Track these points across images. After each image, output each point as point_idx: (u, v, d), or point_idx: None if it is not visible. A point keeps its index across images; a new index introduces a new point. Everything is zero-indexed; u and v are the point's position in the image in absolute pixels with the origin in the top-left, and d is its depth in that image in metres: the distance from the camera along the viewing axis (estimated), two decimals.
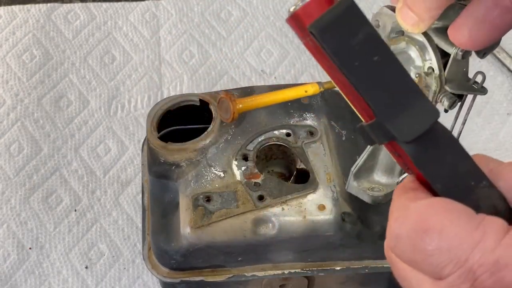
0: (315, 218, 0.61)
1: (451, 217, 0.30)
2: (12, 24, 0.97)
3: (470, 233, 0.29)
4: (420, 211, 0.31)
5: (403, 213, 0.32)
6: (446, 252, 0.30)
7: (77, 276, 0.79)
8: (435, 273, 0.31)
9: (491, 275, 0.29)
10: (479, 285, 0.29)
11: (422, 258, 0.31)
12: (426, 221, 0.30)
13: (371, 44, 0.31)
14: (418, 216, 0.31)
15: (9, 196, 0.83)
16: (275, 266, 0.65)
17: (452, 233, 0.30)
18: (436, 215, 0.30)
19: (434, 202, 0.31)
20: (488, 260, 0.29)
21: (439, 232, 0.30)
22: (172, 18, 0.99)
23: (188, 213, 0.62)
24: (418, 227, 0.31)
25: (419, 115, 0.31)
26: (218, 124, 0.66)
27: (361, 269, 0.66)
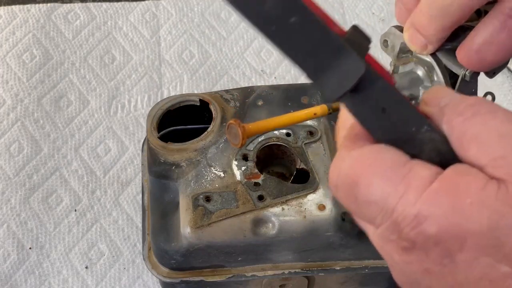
0: (315, 218, 0.61)
1: (378, 169, 0.31)
2: (12, 24, 0.97)
3: (395, 186, 0.30)
4: (351, 163, 0.32)
5: (339, 163, 0.33)
6: (374, 204, 0.31)
7: (77, 276, 0.79)
8: (369, 222, 0.32)
9: (413, 227, 0.29)
10: (405, 236, 0.30)
11: (355, 209, 0.32)
12: (356, 173, 0.31)
13: (286, 5, 0.30)
14: (349, 168, 0.32)
15: (9, 196, 0.83)
16: (275, 266, 0.65)
17: (378, 186, 0.30)
18: (364, 167, 0.31)
19: (365, 153, 0.32)
20: (409, 213, 0.29)
21: (366, 185, 0.31)
22: (172, 18, 0.99)
23: (188, 213, 0.62)
24: (349, 180, 0.32)
25: (343, 73, 0.31)
26: (218, 124, 0.66)
27: (361, 269, 0.66)
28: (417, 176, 0.30)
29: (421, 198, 0.29)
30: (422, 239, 0.29)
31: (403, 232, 0.30)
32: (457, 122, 0.31)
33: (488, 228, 0.28)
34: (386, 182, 0.30)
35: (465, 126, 0.31)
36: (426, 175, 0.30)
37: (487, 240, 0.28)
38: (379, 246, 0.33)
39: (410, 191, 0.30)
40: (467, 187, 0.29)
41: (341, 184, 0.32)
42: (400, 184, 0.30)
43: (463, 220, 0.28)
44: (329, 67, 0.31)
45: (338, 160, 0.33)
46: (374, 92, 0.32)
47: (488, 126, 0.30)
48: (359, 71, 0.30)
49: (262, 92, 0.70)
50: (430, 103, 0.33)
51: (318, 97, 0.69)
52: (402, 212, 0.30)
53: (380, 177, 0.30)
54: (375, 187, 0.30)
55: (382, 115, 0.32)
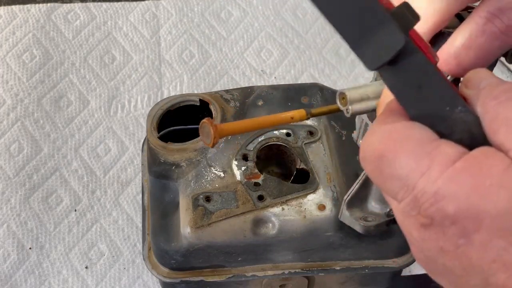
0: (315, 218, 0.61)
1: (405, 145, 0.31)
2: (12, 24, 0.97)
3: (419, 162, 0.30)
4: (380, 137, 0.32)
5: (370, 136, 0.33)
6: (397, 179, 0.31)
7: (77, 276, 0.79)
8: (393, 196, 0.32)
9: (432, 204, 0.30)
10: (424, 212, 0.30)
11: (380, 183, 0.33)
12: (383, 147, 0.32)
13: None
14: (378, 142, 0.32)
15: (9, 196, 0.83)
16: (275, 266, 0.65)
17: (403, 161, 0.31)
18: (392, 142, 0.32)
19: (395, 128, 0.32)
20: (429, 190, 0.30)
21: (392, 160, 0.31)
22: (172, 18, 0.99)
23: (188, 213, 0.62)
24: (377, 152, 0.32)
25: (383, 43, 0.31)
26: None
27: (361, 269, 0.66)
28: (442, 153, 0.30)
29: (442, 175, 0.29)
30: (440, 216, 0.30)
31: (422, 208, 0.30)
32: (490, 105, 0.31)
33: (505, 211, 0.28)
34: (411, 158, 0.31)
35: (498, 109, 0.31)
36: (451, 153, 0.30)
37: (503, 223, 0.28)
38: (400, 221, 0.33)
39: (433, 168, 0.30)
40: (489, 168, 0.29)
41: (368, 156, 0.33)
42: (424, 160, 0.30)
43: (481, 201, 0.29)
44: (370, 36, 0.31)
45: (369, 133, 0.34)
46: (411, 67, 0.32)
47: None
48: (399, 44, 0.31)
49: (262, 92, 0.70)
50: (469, 85, 0.33)
51: (318, 97, 0.69)
52: (422, 188, 0.30)
53: (406, 152, 0.31)
54: (400, 161, 0.31)
55: (418, 91, 0.32)
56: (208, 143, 0.46)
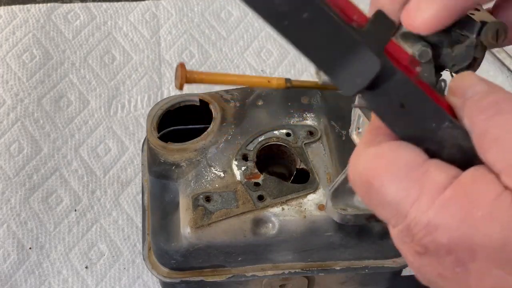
0: (315, 218, 0.61)
1: (392, 171, 0.30)
2: (12, 24, 0.97)
3: (408, 190, 0.29)
4: (365, 161, 0.31)
5: (355, 160, 0.32)
6: (388, 207, 0.30)
7: (77, 276, 0.79)
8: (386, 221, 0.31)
9: (425, 235, 0.29)
10: (418, 241, 0.29)
11: (372, 207, 0.32)
12: (369, 174, 0.31)
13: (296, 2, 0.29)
14: (364, 167, 0.31)
15: (9, 196, 0.83)
16: (275, 266, 0.65)
17: (392, 189, 0.30)
18: (378, 168, 0.30)
19: (380, 151, 0.31)
20: (421, 220, 0.29)
21: (380, 187, 0.30)
22: (172, 18, 0.99)
23: (188, 213, 0.62)
24: (363, 179, 0.31)
25: (358, 69, 0.30)
26: (218, 124, 0.66)
27: (361, 269, 0.66)
28: (431, 180, 0.29)
29: (433, 205, 0.29)
30: (434, 246, 0.29)
31: (415, 237, 0.29)
32: (478, 119, 0.30)
33: (499, 243, 0.28)
34: (400, 185, 0.30)
35: (486, 125, 0.30)
36: (441, 180, 0.29)
37: (499, 254, 0.28)
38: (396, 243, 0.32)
39: (423, 196, 0.29)
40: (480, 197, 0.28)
41: (357, 181, 0.32)
42: (414, 188, 0.29)
43: (474, 232, 0.28)
44: (344, 63, 0.30)
45: (354, 155, 0.33)
46: (391, 88, 0.31)
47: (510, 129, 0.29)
48: (374, 68, 0.30)
49: (262, 92, 0.70)
50: (456, 93, 0.32)
51: (318, 97, 0.69)
52: (414, 218, 0.29)
53: (394, 180, 0.30)
54: (388, 189, 0.30)
55: (401, 111, 0.31)
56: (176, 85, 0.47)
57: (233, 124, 0.67)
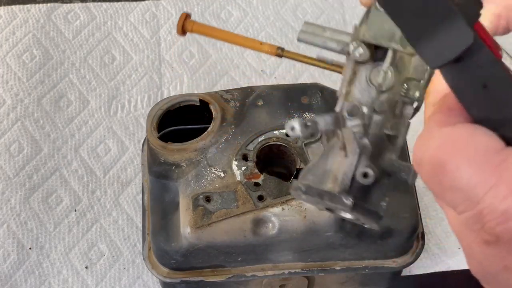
0: (315, 218, 0.61)
1: (469, 155, 0.29)
2: (12, 24, 0.96)
3: (485, 176, 0.28)
4: (440, 143, 0.30)
5: (427, 138, 0.31)
6: (459, 191, 0.29)
7: (77, 276, 0.79)
8: (452, 206, 0.30)
9: (499, 223, 0.28)
10: (489, 230, 0.28)
11: (437, 191, 0.30)
12: (444, 155, 0.29)
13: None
14: (437, 148, 0.30)
15: (9, 196, 0.83)
16: (275, 266, 0.65)
17: (467, 173, 0.28)
18: (454, 150, 0.29)
19: (457, 133, 0.30)
20: (497, 208, 0.28)
21: (454, 170, 0.29)
22: (172, 18, 0.99)
23: (188, 213, 0.62)
24: (436, 160, 0.30)
25: (450, 40, 0.28)
26: (218, 124, 0.66)
27: (361, 269, 0.66)
28: (510, 168, 0.28)
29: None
30: (508, 236, 0.28)
31: (487, 225, 0.28)
32: None
33: None
34: (476, 170, 0.28)
35: None
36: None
37: None
38: (458, 232, 0.31)
39: (501, 183, 0.28)
40: None
41: (426, 163, 0.30)
42: (491, 174, 0.28)
43: None
44: (434, 32, 0.28)
45: (426, 135, 0.31)
46: (478, 66, 0.29)
47: None
48: (467, 41, 0.28)
49: (262, 92, 0.70)
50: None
51: (318, 97, 0.69)
52: (489, 205, 0.28)
53: (470, 164, 0.29)
54: (463, 173, 0.29)
55: (483, 91, 0.29)
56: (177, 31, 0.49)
57: (233, 124, 0.67)
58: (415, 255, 0.67)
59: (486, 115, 0.30)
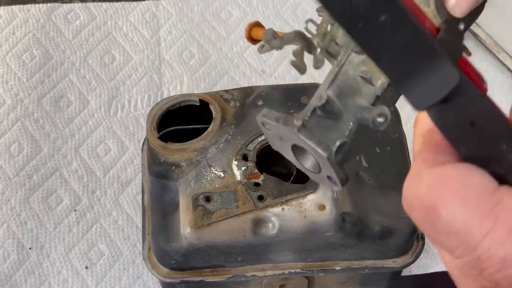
0: (315, 218, 0.61)
1: (462, 197, 0.27)
2: (12, 24, 0.96)
3: (481, 219, 0.27)
4: (430, 184, 0.29)
5: (416, 180, 0.30)
6: (455, 235, 0.28)
7: (77, 276, 0.79)
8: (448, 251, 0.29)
9: (498, 270, 0.27)
10: (488, 276, 0.27)
11: (431, 235, 0.29)
12: (435, 198, 0.28)
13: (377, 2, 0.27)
14: (428, 190, 0.29)
15: (9, 196, 0.83)
16: (275, 266, 0.65)
17: (462, 217, 0.27)
18: (446, 193, 0.28)
19: (448, 174, 0.28)
20: (496, 254, 0.26)
21: (448, 213, 0.28)
22: (172, 18, 0.99)
23: (188, 213, 0.62)
24: (427, 203, 0.28)
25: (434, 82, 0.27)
26: (218, 124, 0.66)
27: (361, 269, 0.66)
28: (506, 210, 0.27)
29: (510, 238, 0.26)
30: (506, 283, 0.27)
31: (486, 272, 0.27)
32: None
33: None
34: (471, 213, 0.27)
35: None
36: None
37: None
38: (455, 276, 0.30)
39: (498, 227, 0.26)
40: None
41: (416, 206, 0.29)
42: (487, 217, 0.27)
43: None
44: (419, 74, 0.27)
45: (415, 176, 0.30)
46: (465, 104, 0.28)
47: None
48: (453, 82, 0.27)
49: (262, 92, 0.70)
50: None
51: None
52: (487, 251, 0.27)
53: (465, 206, 0.27)
54: (458, 217, 0.27)
55: (471, 129, 0.28)
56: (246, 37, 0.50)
57: (233, 124, 0.67)
58: (415, 255, 0.67)
59: (474, 153, 0.29)
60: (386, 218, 0.63)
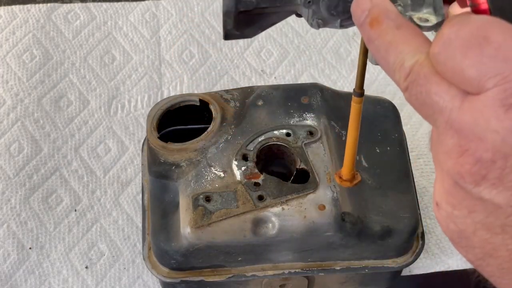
0: (315, 218, 0.61)
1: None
2: (12, 24, 0.97)
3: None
4: (482, 22, 0.29)
5: (462, 22, 0.30)
6: (500, 62, 0.28)
7: (77, 276, 0.79)
8: (476, 84, 0.29)
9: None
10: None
11: (472, 64, 0.29)
12: (488, 30, 0.29)
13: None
14: (480, 25, 0.29)
15: (9, 196, 0.83)
16: (275, 266, 0.66)
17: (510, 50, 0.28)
18: (499, 28, 0.29)
19: (497, 19, 0.29)
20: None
21: (500, 42, 0.28)
22: (172, 18, 0.99)
23: (188, 213, 0.62)
24: (479, 33, 0.29)
25: None
26: (218, 124, 0.66)
27: (361, 269, 0.66)
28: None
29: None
30: None
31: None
32: None
33: None
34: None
35: None
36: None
37: None
38: (479, 114, 0.29)
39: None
40: None
41: (463, 35, 0.30)
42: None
43: None
44: None
45: (457, 19, 0.30)
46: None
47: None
48: None
49: (262, 92, 0.70)
50: None
51: (318, 97, 0.69)
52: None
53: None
54: (509, 45, 0.28)
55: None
56: None
57: (233, 124, 0.67)
58: (415, 255, 0.67)
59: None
60: (386, 218, 0.63)
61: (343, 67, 0.96)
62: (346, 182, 0.49)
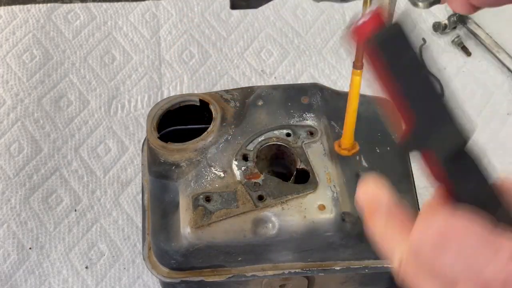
0: (315, 218, 0.61)
1: (469, 230, 0.32)
2: (12, 24, 0.97)
3: (486, 247, 0.31)
4: (440, 224, 0.32)
5: (425, 225, 0.33)
6: (462, 264, 0.31)
7: (77, 276, 0.79)
8: (450, 284, 0.32)
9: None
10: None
11: (442, 264, 0.32)
12: (446, 234, 0.32)
13: (414, 64, 0.33)
14: (439, 229, 0.32)
15: (9, 196, 0.83)
16: (275, 266, 0.65)
17: (469, 247, 0.31)
18: (455, 228, 0.32)
19: (455, 213, 0.32)
20: (500, 275, 0.30)
21: (458, 245, 0.31)
22: (172, 18, 0.99)
23: (188, 213, 0.62)
24: (439, 240, 0.32)
25: (454, 134, 0.33)
26: (218, 124, 0.66)
27: (361, 269, 0.66)
28: (507, 241, 0.31)
29: (510, 262, 0.30)
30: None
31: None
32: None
33: None
34: (478, 243, 0.31)
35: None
36: None
37: None
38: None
39: (502, 253, 0.30)
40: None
41: (427, 244, 0.33)
42: (492, 245, 0.31)
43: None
44: (441, 124, 0.33)
45: (422, 221, 0.34)
46: (470, 160, 0.34)
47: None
48: (467, 137, 0.33)
49: (262, 92, 0.70)
50: None
51: (318, 97, 0.69)
52: (492, 274, 0.30)
53: (473, 237, 0.31)
54: (466, 247, 0.31)
55: (472, 185, 0.33)
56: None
57: (233, 124, 0.67)
58: None
59: (473, 205, 0.33)
60: None
61: (343, 67, 0.96)
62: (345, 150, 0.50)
